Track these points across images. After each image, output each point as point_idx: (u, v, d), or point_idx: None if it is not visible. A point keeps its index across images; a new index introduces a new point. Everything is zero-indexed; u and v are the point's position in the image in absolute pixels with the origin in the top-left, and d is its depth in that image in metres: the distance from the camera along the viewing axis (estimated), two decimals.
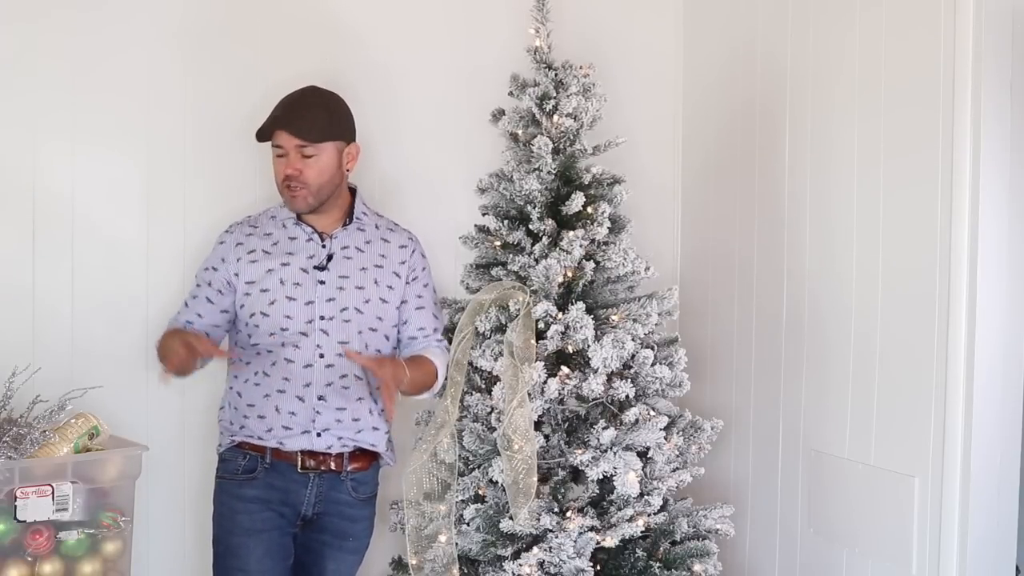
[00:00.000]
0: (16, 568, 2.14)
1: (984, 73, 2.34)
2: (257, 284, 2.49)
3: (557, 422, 2.60)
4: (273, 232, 2.57)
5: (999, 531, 2.43)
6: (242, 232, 2.58)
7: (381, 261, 2.58)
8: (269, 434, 2.47)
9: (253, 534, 2.47)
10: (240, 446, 2.51)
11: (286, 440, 2.47)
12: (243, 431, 2.50)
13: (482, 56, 3.08)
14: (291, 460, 2.48)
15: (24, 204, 2.61)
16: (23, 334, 2.59)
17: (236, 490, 2.50)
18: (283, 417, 2.47)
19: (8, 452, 2.16)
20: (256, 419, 2.49)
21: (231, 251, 2.55)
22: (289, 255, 2.52)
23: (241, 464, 2.50)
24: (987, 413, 2.38)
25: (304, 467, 2.48)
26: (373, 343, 2.53)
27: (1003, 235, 2.39)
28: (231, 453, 2.52)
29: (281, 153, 2.49)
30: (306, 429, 2.47)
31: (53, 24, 2.61)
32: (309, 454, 2.48)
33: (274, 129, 2.49)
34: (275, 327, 2.48)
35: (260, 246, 2.54)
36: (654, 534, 2.61)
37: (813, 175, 2.83)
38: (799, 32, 2.88)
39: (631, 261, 2.63)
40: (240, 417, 2.51)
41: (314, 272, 2.51)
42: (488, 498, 2.56)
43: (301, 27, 2.90)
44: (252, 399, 2.50)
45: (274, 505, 2.48)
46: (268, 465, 2.48)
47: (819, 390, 2.79)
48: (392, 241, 2.62)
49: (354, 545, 2.58)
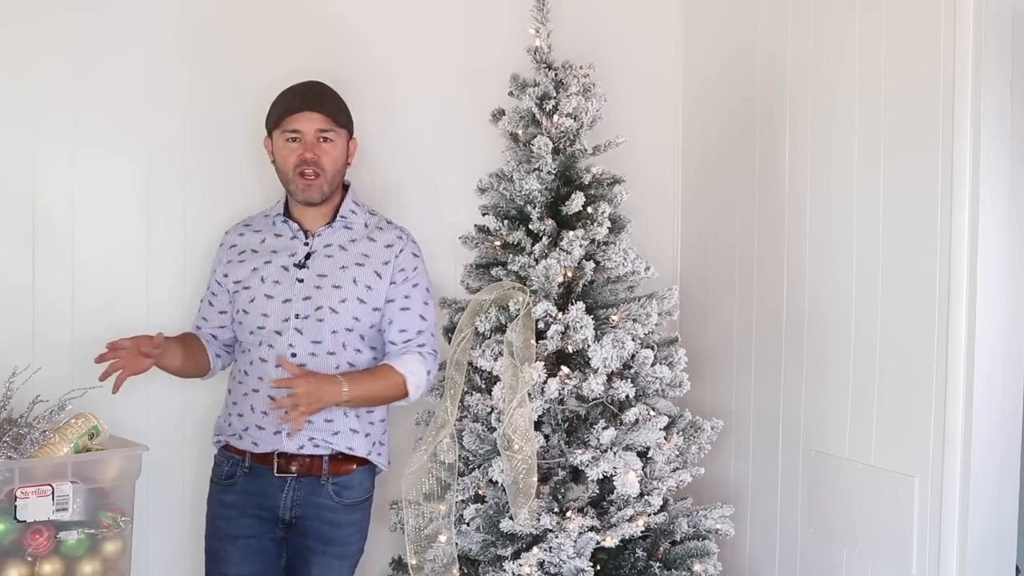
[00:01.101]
0: (16, 568, 2.14)
1: (984, 73, 2.34)
2: (242, 283, 2.53)
3: (557, 422, 2.60)
4: (263, 230, 2.59)
5: (999, 531, 2.43)
6: (236, 233, 2.62)
7: (363, 260, 2.52)
8: (246, 433, 2.49)
9: (229, 540, 2.50)
10: (226, 447, 2.55)
11: (259, 440, 2.47)
12: (228, 430, 2.54)
13: (482, 56, 3.08)
14: (268, 463, 2.47)
15: (24, 204, 2.61)
16: (23, 334, 2.59)
17: (220, 495, 2.54)
18: (256, 416, 2.48)
19: (8, 452, 2.16)
20: (236, 418, 2.52)
21: (225, 252, 2.60)
22: (272, 253, 2.53)
23: (224, 469, 2.54)
24: (987, 413, 2.38)
25: (280, 470, 2.46)
26: (351, 343, 2.49)
27: (1003, 235, 2.39)
28: (219, 456, 2.58)
29: (295, 138, 2.47)
30: (277, 429, 2.45)
31: (53, 24, 2.61)
32: (284, 456, 2.47)
33: (298, 111, 2.46)
34: (253, 325, 2.50)
35: (249, 245, 2.57)
36: (654, 534, 2.61)
37: (813, 175, 2.83)
38: (799, 32, 2.88)
39: (631, 261, 2.63)
40: (227, 415, 2.56)
41: (294, 270, 2.50)
42: (488, 498, 2.56)
43: (301, 27, 2.91)
44: (236, 397, 2.54)
45: (251, 510, 2.49)
46: (247, 469, 2.49)
47: (819, 390, 2.79)
48: (378, 240, 2.56)
49: (340, 551, 2.51)
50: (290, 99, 2.50)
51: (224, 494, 2.52)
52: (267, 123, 2.55)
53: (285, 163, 2.49)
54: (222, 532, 2.51)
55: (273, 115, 2.52)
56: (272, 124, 2.52)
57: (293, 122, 2.47)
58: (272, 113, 2.53)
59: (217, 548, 2.52)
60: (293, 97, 2.50)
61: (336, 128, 2.50)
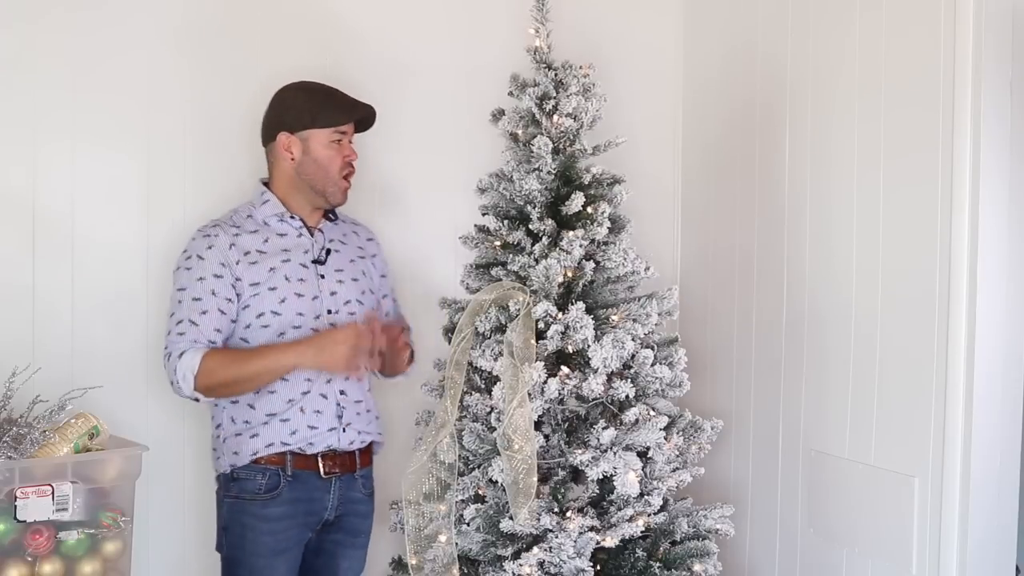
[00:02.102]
0: (16, 568, 2.14)
1: (984, 73, 2.34)
2: (263, 284, 2.44)
3: (557, 422, 2.60)
4: (259, 230, 2.51)
5: (999, 531, 2.43)
6: (227, 234, 2.47)
7: (361, 253, 2.66)
8: (294, 437, 2.42)
9: (279, 554, 2.43)
10: (257, 461, 2.43)
11: (314, 440, 2.44)
12: (258, 441, 2.42)
13: (482, 56, 3.08)
14: (313, 467, 2.45)
15: (24, 204, 2.61)
16: (23, 334, 2.59)
17: (259, 510, 2.42)
18: (308, 417, 2.44)
19: (8, 452, 2.15)
20: (279, 424, 2.42)
21: (228, 254, 2.44)
22: (285, 251, 2.50)
23: (262, 483, 2.42)
24: (987, 413, 2.38)
25: (326, 472, 2.46)
26: None
27: (1003, 235, 2.39)
28: (247, 471, 2.43)
29: (339, 139, 2.50)
30: (332, 426, 2.47)
31: (53, 24, 2.61)
32: (331, 456, 2.46)
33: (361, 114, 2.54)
34: (287, 326, 2.44)
35: (253, 246, 2.48)
36: (654, 534, 2.61)
37: (813, 175, 2.83)
38: (799, 32, 2.88)
39: (631, 261, 2.63)
40: (257, 427, 2.43)
41: (313, 267, 2.51)
42: (488, 498, 2.56)
43: (301, 27, 2.91)
44: (271, 407, 2.43)
45: (299, 519, 2.46)
46: (291, 478, 2.43)
47: (819, 390, 2.79)
48: (360, 235, 2.71)
49: (364, 541, 2.63)
50: (339, 100, 2.51)
51: (266, 508, 2.42)
52: (303, 120, 2.47)
53: (331, 162, 2.49)
54: (268, 548, 2.42)
55: (313, 110, 2.47)
56: (310, 120, 2.47)
57: (346, 124, 2.52)
58: (309, 108, 2.47)
59: (263, 565, 2.43)
60: (343, 99, 2.52)
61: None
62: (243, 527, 2.44)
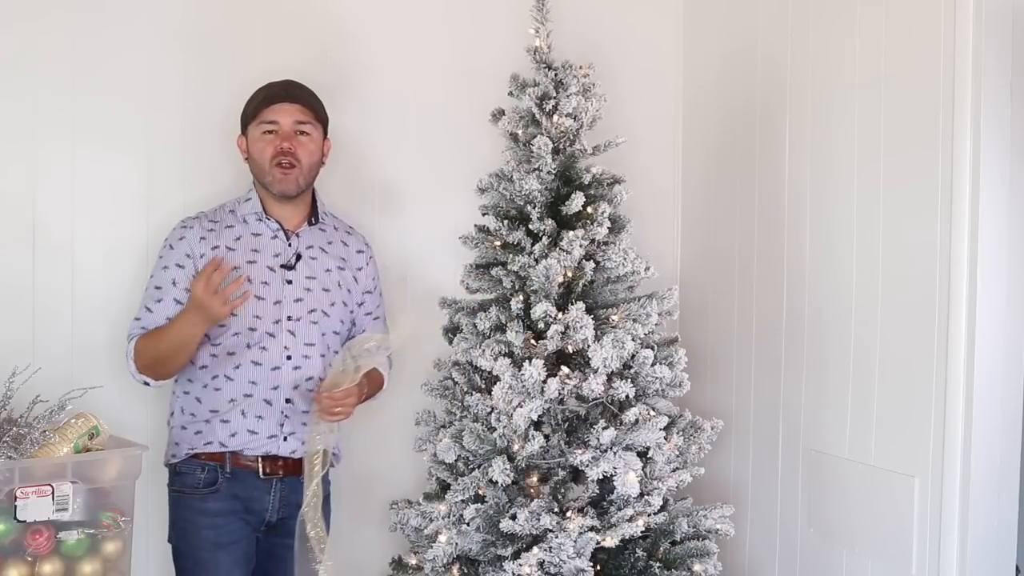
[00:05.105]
0: (16, 568, 2.14)
1: (984, 73, 2.34)
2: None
3: (557, 422, 2.60)
4: (235, 227, 2.51)
5: (999, 531, 2.43)
6: (202, 227, 2.49)
7: (343, 264, 2.59)
8: (232, 439, 2.43)
9: (220, 547, 2.44)
10: (196, 456, 2.46)
11: (251, 444, 2.44)
12: (199, 438, 2.45)
13: (482, 56, 3.08)
14: (251, 467, 2.45)
15: (24, 204, 2.61)
16: (23, 334, 2.59)
17: (199, 504, 2.46)
18: (249, 421, 2.44)
19: (8, 452, 2.15)
20: (219, 424, 2.43)
21: (195, 247, 2.46)
22: (255, 252, 2.48)
23: (201, 477, 2.45)
24: (987, 413, 2.38)
25: (265, 473, 2.45)
26: (334, 345, 2.54)
27: (1003, 235, 2.39)
28: (187, 465, 2.47)
29: (271, 130, 2.46)
30: (273, 433, 2.44)
31: (53, 24, 2.61)
32: (270, 460, 2.45)
33: (277, 102, 2.47)
34: (242, 327, 2.44)
35: (224, 242, 2.48)
36: (654, 534, 2.60)
37: (813, 175, 2.83)
38: (799, 32, 2.88)
39: (631, 261, 2.63)
40: (200, 423, 2.46)
41: (281, 271, 2.49)
42: (488, 498, 2.56)
43: (301, 27, 2.91)
44: (215, 404, 2.45)
45: (239, 514, 2.46)
46: (228, 475, 2.44)
47: (819, 390, 2.79)
48: (351, 245, 2.65)
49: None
50: (268, 90, 2.50)
51: (206, 502, 2.45)
52: (243, 118, 2.54)
53: (262, 154, 2.47)
54: (210, 541, 2.44)
55: (249, 108, 2.51)
56: (248, 117, 2.51)
57: (271, 113, 2.46)
58: (248, 107, 2.52)
59: (207, 558, 2.45)
60: (270, 88, 2.50)
61: (314, 121, 2.51)
62: (185, 520, 2.48)
